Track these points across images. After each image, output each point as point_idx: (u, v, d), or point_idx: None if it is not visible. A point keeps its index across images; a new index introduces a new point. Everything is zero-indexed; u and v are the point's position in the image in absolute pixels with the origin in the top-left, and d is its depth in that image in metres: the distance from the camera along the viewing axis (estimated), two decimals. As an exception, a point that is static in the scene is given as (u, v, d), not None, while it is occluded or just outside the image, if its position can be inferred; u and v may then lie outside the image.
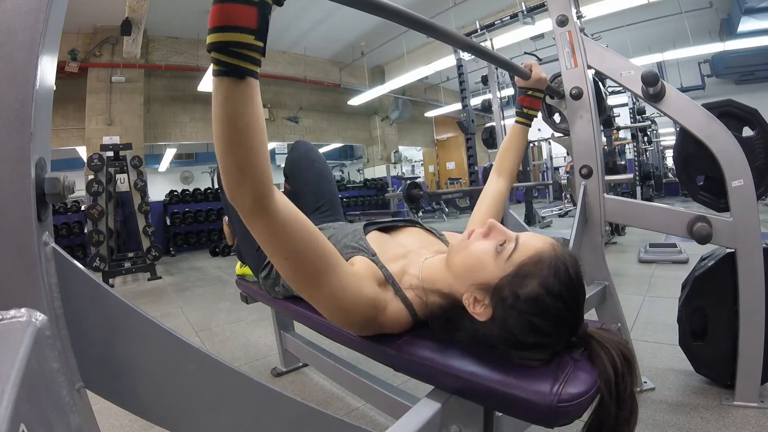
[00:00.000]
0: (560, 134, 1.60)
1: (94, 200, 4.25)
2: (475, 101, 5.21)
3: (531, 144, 6.03)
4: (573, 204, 4.38)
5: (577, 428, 0.57)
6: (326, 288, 0.63)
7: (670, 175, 9.30)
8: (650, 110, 6.53)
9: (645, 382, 1.37)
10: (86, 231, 4.42)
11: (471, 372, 0.60)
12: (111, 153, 4.61)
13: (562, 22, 1.35)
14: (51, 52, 0.44)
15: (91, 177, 4.27)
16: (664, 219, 1.26)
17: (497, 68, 4.36)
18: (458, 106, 5.07)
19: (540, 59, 4.05)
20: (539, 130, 4.99)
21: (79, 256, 5.20)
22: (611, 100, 4.96)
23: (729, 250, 1.22)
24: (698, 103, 1.24)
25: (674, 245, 3.20)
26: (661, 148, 9.35)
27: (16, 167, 0.39)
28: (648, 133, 7.22)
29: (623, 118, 6.16)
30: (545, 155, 10.17)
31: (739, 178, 1.17)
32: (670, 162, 8.80)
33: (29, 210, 0.39)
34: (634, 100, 6.25)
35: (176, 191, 6.51)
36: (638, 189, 5.72)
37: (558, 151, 9.53)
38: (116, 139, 4.75)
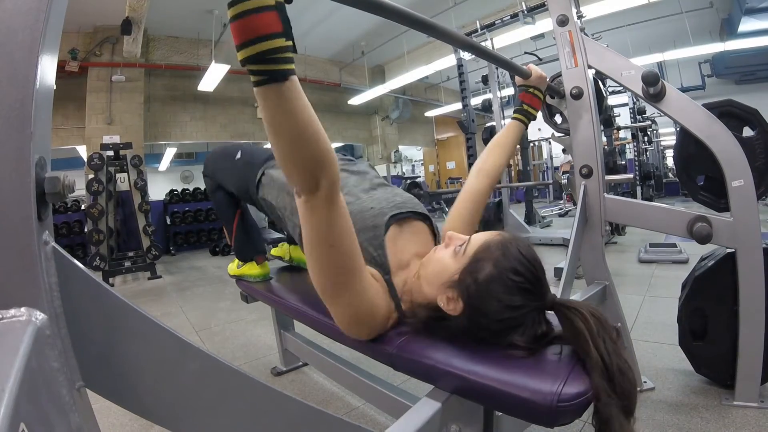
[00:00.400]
0: (561, 134, 1.60)
1: (94, 199, 4.25)
2: (476, 101, 5.20)
3: (531, 144, 6.03)
4: (573, 204, 4.38)
5: (577, 428, 0.57)
6: (352, 288, 0.67)
7: (670, 175, 9.30)
8: (650, 110, 6.53)
9: (645, 382, 1.37)
10: (86, 230, 4.42)
11: (471, 371, 0.60)
12: (111, 152, 4.61)
13: (563, 22, 1.35)
14: (51, 52, 0.44)
15: (91, 176, 4.28)
16: (664, 219, 1.26)
17: (497, 68, 4.37)
18: (458, 106, 5.08)
19: (540, 59, 4.06)
20: (539, 130, 5.00)
21: (79, 256, 5.21)
22: (611, 100, 4.98)
23: (729, 250, 1.22)
24: (698, 103, 1.24)
25: (674, 245, 3.20)
26: (661, 148, 9.35)
27: (16, 166, 0.39)
28: (648, 133, 7.22)
29: (623, 118, 6.17)
30: (545, 155, 10.17)
31: (740, 178, 1.17)
32: (670, 162, 8.80)
33: (29, 209, 0.39)
34: (635, 100, 6.25)
35: (176, 190, 6.51)
36: (638, 189, 5.73)
37: (558, 151, 9.53)
38: (116, 139, 4.75)
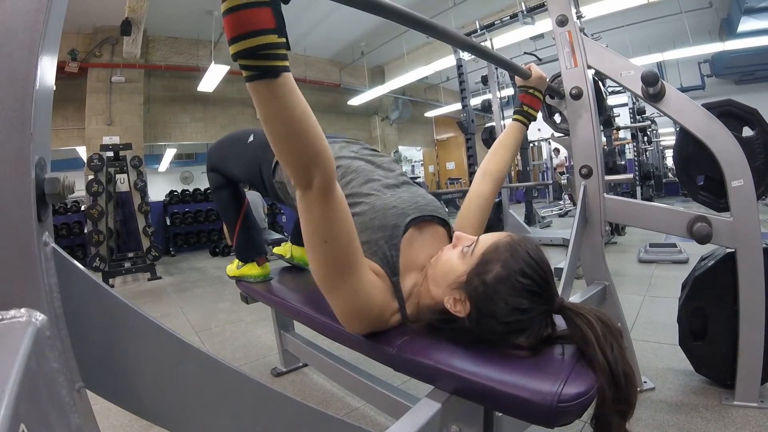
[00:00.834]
0: (560, 134, 1.60)
1: (94, 200, 4.25)
2: (475, 101, 5.20)
3: (531, 144, 6.03)
4: (573, 204, 4.38)
5: (577, 428, 0.57)
6: (348, 283, 0.67)
7: (670, 175, 9.30)
8: (650, 110, 6.53)
9: (645, 382, 1.37)
10: (86, 231, 4.42)
11: (471, 372, 0.60)
12: (111, 153, 4.61)
13: (562, 22, 1.35)
14: (51, 52, 0.44)
15: (91, 177, 4.27)
16: (664, 219, 1.26)
17: (497, 68, 4.37)
18: (458, 106, 5.07)
19: (540, 59, 4.05)
20: (539, 130, 5.00)
21: (79, 256, 5.20)
22: (611, 100, 4.97)
23: (729, 250, 1.22)
24: (698, 103, 1.24)
25: (674, 245, 3.20)
26: (661, 148, 9.35)
27: (16, 167, 0.39)
28: (648, 133, 7.22)
29: (623, 118, 6.17)
30: (545, 155, 10.17)
31: (739, 178, 1.17)
32: (670, 162, 8.80)
33: (29, 210, 0.39)
34: (634, 100, 6.24)
35: (176, 191, 6.50)
36: (638, 189, 5.73)
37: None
38: (116, 139, 4.75)
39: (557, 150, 9.19)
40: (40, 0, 0.42)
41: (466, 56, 4.58)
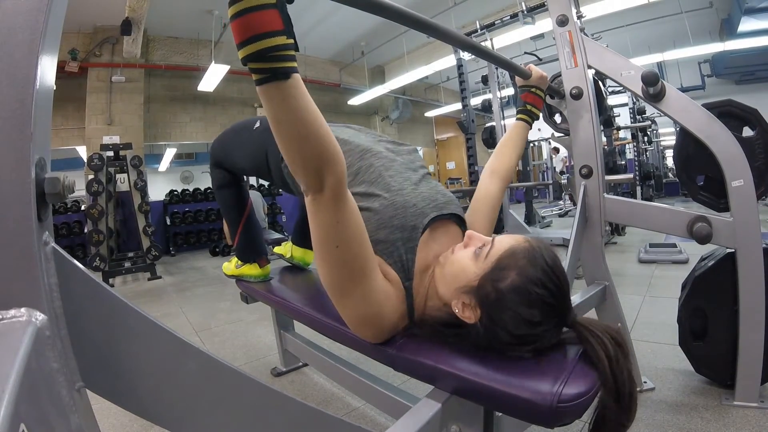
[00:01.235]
0: (561, 134, 1.60)
1: (94, 200, 4.25)
2: (475, 101, 5.20)
3: (531, 144, 6.03)
4: (573, 204, 4.38)
5: (578, 428, 0.57)
6: (359, 289, 0.65)
7: (670, 175, 9.30)
8: (650, 110, 6.53)
9: (645, 382, 1.37)
10: (86, 231, 4.43)
11: (471, 372, 0.60)
12: (111, 153, 4.61)
13: (562, 22, 1.35)
14: (51, 52, 0.44)
15: (91, 177, 4.28)
16: (664, 219, 1.26)
17: (497, 68, 4.37)
18: (458, 106, 5.07)
19: (540, 59, 4.05)
20: (539, 130, 4.99)
21: (79, 256, 5.19)
22: (611, 100, 4.97)
23: (729, 250, 1.22)
24: (698, 103, 1.24)
25: (674, 245, 3.20)
26: (661, 148, 9.35)
27: (16, 167, 0.39)
28: (648, 133, 7.22)
29: (623, 118, 6.16)
30: (545, 155, 10.17)
31: (739, 178, 1.17)
32: (670, 162, 8.80)
33: (29, 210, 0.39)
34: (634, 100, 6.24)
35: (176, 191, 6.50)
36: (638, 189, 5.72)
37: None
38: (116, 139, 4.75)
39: (556, 149, 9.19)
40: (40, 0, 0.42)
41: (467, 56, 4.58)
